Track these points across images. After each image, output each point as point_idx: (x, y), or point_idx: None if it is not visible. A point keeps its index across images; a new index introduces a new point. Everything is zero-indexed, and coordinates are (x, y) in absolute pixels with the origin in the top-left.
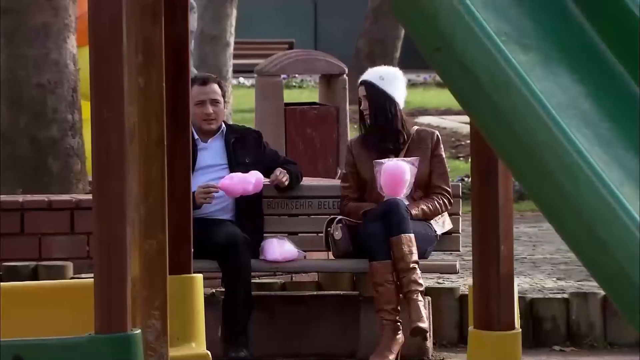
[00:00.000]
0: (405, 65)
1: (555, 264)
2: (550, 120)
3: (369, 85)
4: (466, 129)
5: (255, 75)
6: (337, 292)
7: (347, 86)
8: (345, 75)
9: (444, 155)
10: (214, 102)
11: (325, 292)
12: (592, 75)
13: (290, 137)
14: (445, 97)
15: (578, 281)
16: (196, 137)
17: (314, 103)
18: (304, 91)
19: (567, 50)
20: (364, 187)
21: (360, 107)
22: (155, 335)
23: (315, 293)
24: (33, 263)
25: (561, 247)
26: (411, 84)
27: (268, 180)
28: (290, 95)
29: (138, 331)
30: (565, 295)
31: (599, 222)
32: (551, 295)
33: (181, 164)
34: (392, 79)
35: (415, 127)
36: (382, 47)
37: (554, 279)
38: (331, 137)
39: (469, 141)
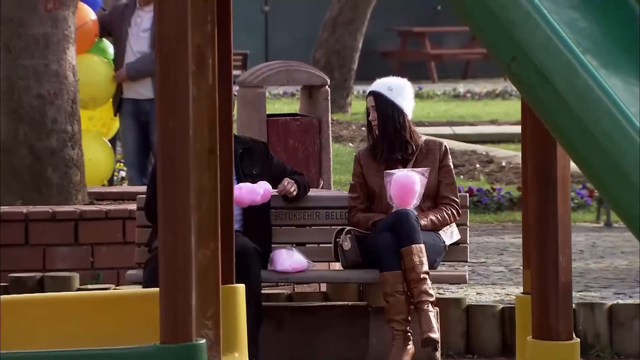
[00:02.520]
0: (361, 76)
1: None
2: (633, 129)
3: (378, 96)
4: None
5: (237, 86)
6: (345, 302)
7: (329, 97)
8: (327, 87)
9: (452, 166)
10: None
11: (334, 303)
12: None
13: (273, 148)
14: None
15: (579, 292)
16: None
17: (296, 114)
18: None
19: (636, 60)
20: (372, 197)
21: (369, 118)
22: (208, 345)
23: (323, 303)
24: (39, 274)
25: None
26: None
27: (276, 190)
28: None
29: (203, 341)
30: (573, 305)
31: None
32: None
33: (224, 173)
34: (400, 90)
35: (423, 138)
36: (339, 58)
37: None
38: (313, 148)
39: None
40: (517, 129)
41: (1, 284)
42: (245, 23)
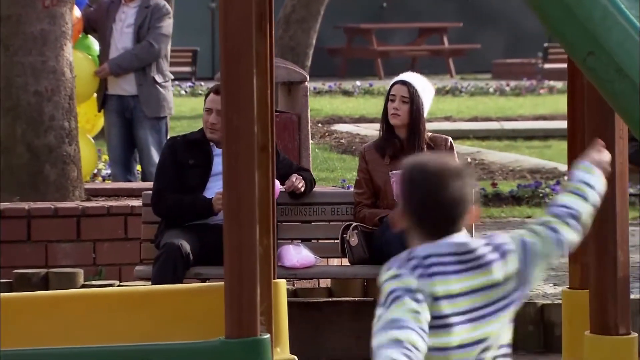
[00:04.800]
0: (314, 73)
1: None
2: None
3: (412, 87)
4: None
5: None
6: (352, 298)
7: (308, 94)
8: (306, 83)
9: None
10: (220, 112)
11: (340, 299)
12: None
13: None
14: (352, 105)
15: None
16: (211, 143)
17: (275, 110)
18: None
19: None
20: (378, 193)
21: (394, 105)
22: None
23: (329, 299)
24: (44, 270)
25: None
26: (317, 92)
27: (284, 187)
28: (199, 103)
29: (267, 336)
30: None
31: None
32: (558, 301)
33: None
34: (423, 88)
35: (429, 134)
36: (293, 55)
37: (551, 285)
38: (293, 145)
39: None
40: (472, 125)
41: (5, 280)
42: (192, 19)
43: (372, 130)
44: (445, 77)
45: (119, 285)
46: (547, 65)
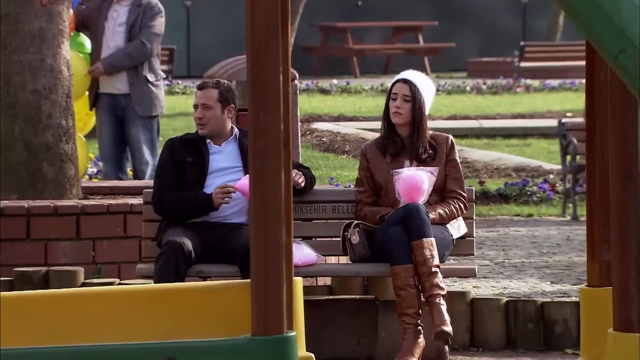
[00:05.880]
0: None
1: (537, 267)
2: None
3: (414, 86)
4: (362, 134)
5: None
6: (353, 296)
7: (298, 92)
8: (296, 81)
9: (458, 160)
10: (205, 106)
11: (341, 297)
12: None
13: None
14: (330, 103)
15: (573, 285)
16: (208, 140)
17: None
18: (190, 97)
19: None
20: (379, 191)
21: (396, 104)
22: None
23: (330, 297)
24: (44, 268)
25: (532, 251)
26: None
27: None
28: (176, 102)
29: (293, 333)
30: (576, 299)
31: None
32: (557, 299)
33: None
34: (424, 86)
35: (430, 132)
36: None
37: (548, 283)
38: None
39: None
40: (451, 124)
41: (6, 278)
42: (168, 17)
43: (352, 129)
44: None
45: (119, 284)
46: (523, 64)
